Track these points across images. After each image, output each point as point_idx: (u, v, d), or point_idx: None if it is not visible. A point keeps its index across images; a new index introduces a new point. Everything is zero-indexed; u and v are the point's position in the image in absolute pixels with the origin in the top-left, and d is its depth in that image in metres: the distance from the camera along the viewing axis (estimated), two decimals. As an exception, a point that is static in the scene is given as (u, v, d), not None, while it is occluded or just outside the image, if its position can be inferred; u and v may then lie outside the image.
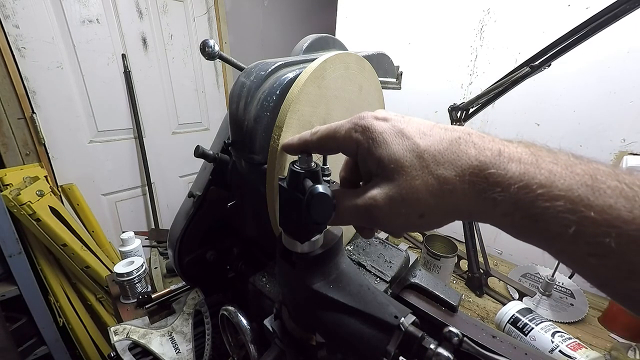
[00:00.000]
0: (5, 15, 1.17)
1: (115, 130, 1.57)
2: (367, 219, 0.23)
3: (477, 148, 0.19)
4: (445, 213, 0.20)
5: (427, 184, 0.20)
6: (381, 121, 0.22)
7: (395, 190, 0.21)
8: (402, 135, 0.21)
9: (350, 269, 0.32)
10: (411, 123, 0.22)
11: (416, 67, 1.18)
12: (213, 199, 0.49)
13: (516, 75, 0.62)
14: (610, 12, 0.47)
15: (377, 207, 0.21)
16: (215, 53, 0.43)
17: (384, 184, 0.21)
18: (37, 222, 1.13)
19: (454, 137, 0.20)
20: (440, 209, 0.20)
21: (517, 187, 0.17)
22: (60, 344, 1.28)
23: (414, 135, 0.21)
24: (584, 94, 0.88)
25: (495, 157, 0.18)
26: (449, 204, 0.20)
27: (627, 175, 0.16)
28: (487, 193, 0.18)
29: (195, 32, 1.76)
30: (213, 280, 0.60)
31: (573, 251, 0.16)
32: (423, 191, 0.20)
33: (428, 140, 0.20)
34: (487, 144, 0.19)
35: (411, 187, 0.20)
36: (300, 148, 0.26)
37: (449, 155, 0.19)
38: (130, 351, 0.59)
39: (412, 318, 0.27)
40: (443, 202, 0.20)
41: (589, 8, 0.82)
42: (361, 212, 0.23)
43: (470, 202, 0.19)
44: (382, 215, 0.22)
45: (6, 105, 1.21)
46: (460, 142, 0.20)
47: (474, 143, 0.19)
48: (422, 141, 0.20)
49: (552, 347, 0.57)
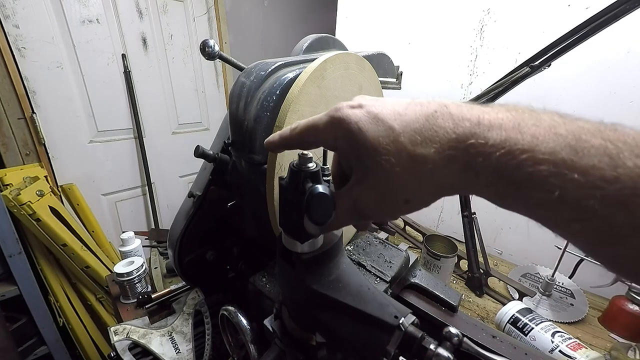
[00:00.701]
0: (5, 15, 1.17)
1: (115, 130, 1.57)
2: (356, 216, 0.23)
3: (454, 120, 0.18)
4: (430, 193, 0.20)
5: (406, 168, 0.19)
6: (356, 109, 0.21)
7: (376, 182, 0.20)
8: (377, 120, 0.20)
9: (350, 269, 0.32)
10: (386, 105, 0.21)
11: (416, 67, 1.18)
12: (213, 199, 0.49)
13: (516, 75, 0.62)
14: (610, 12, 0.47)
15: (362, 203, 0.21)
16: (215, 53, 0.43)
17: (365, 177, 0.21)
18: (37, 222, 1.13)
19: (430, 112, 0.19)
20: (423, 190, 0.20)
21: (499, 154, 0.16)
22: (60, 344, 1.28)
23: (389, 118, 0.20)
24: (584, 94, 0.88)
25: (474, 127, 0.17)
26: (432, 182, 0.19)
27: (611, 132, 0.15)
28: (468, 165, 0.17)
29: (195, 32, 1.76)
30: (213, 280, 0.60)
31: (557, 217, 0.16)
32: (404, 176, 0.19)
33: (403, 120, 0.19)
34: (465, 113, 0.18)
35: (391, 176, 0.19)
36: (282, 144, 0.25)
37: (426, 132, 0.18)
38: (130, 351, 0.59)
39: (412, 318, 0.27)
40: (425, 182, 0.19)
41: (589, 8, 0.82)
42: (350, 211, 0.22)
43: (453, 177, 0.18)
44: (368, 210, 0.21)
45: (6, 105, 1.21)
46: (436, 117, 0.19)
47: (451, 114, 0.18)
48: (397, 123, 0.19)
49: (552, 347, 0.57)
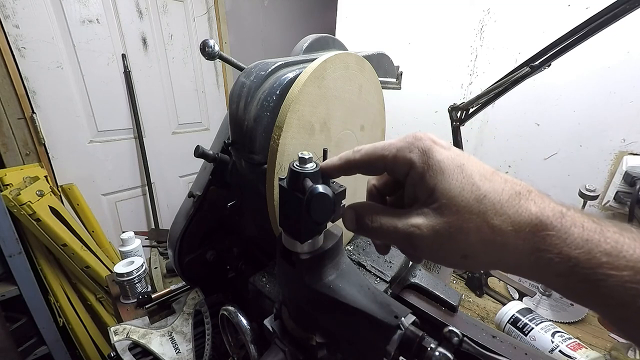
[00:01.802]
0: (5, 15, 1.17)
1: (115, 130, 1.57)
2: (403, 243, 0.22)
3: (537, 206, 0.18)
4: (490, 262, 0.20)
5: (479, 230, 0.19)
6: (440, 148, 0.21)
7: (443, 226, 0.20)
8: (462, 170, 0.20)
9: (350, 269, 0.32)
10: (471, 161, 0.21)
11: (416, 67, 1.17)
12: (213, 199, 0.49)
13: (516, 75, 0.62)
14: (610, 12, 0.47)
15: (420, 236, 0.21)
16: (215, 53, 0.43)
17: (432, 216, 0.20)
18: (37, 222, 1.13)
19: (515, 191, 0.19)
20: (486, 256, 0.20)
21: (578, 252, 0.17)
22: (60, 344, 1.28)
23: (474, 175, 0.20)
24: (584, 94, 0.88)
25: (557, 219, 0.18)
26: (497, 255, 0.19)
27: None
28: (543, 253, 0.18)
29: (195, 32, 1.76)
30: (213, 280, 0.60)
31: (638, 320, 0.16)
32: (473, 236, 0.19)
33: (489, 186, 0.19)
34: (548, 204, 0.19)
35: (462, 228, 0.19)
36: (344, 168, 0.25)
37: (508, 208, 0.19)
38: (130, 351, 0.59)
39: (412, 318, 0.27)
40: (491, 251, 0.19)
41: (589, 8, 0.82)
42: (400, 235, 0.22)
43: (522, 259, 0.19)
44: (422, 245, 0.21)
45: (6, 105, 1.21)
46: (521, 197, 0.19)
47: (534, 201, 0.19)
48: (482, 184, 0.19)
49: (552, 347, 0.57)
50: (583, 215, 0.18)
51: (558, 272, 0.18)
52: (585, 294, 0.18)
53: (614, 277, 0.16)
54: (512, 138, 1.04)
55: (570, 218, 0.18)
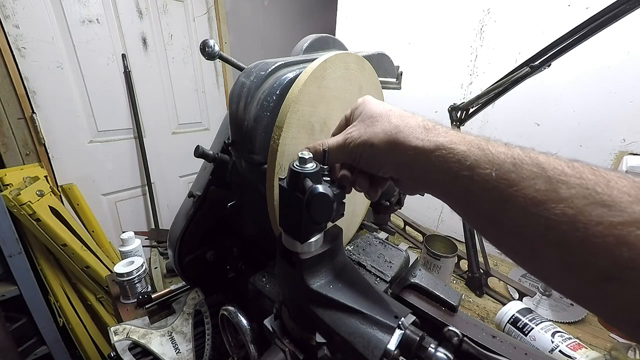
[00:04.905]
0: (5, 15, 1.17)
1: (115, 130, 1.57)
2: (346, 151, 0.29)
3: (442, 137, 0.25)
4: (398, 163, 0.28)
5: (384, 130, 0.28)
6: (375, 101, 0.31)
7: (366, 130, 0.29)
8: (386, 106, 0.30)
9: (350, 269, 0.32)
10: (396, 109, 0.30)
11: (416, 67, 1.18)
12: (213, 199, 0.49)
13: (516, 75, 0.62)
14: (610, 12, 0.47)
15: (351, 138, 0.29)
16: (215, 53, 0.43)
17: (359, 124, 0.30)
18: (37, 222, 1.13)
19: (423, 126, 0.28)
20: (392, 156, 0.28)
21: (443, 140, 0.24)
22: (60, 344, 1.28)
23: (394, 110, 0.29)
24: (584, 94, 0.88)
25: (447, 143, 0.25)
26: (400, 155, 0.27)
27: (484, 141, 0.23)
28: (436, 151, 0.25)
29: (195, 32, 1.76)
30: (213, 280, 0.60)
31: None
32: (380, 132, 0.28)
33: (404, 120, 0.28)
34: (444, 135, 0.26)
35: (376, 133, 0.28)
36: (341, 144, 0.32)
37: (415, 131, 0.27)
38: (130, 351, 0.59)
39: (412, 318, 0.27)
40: (389, 142, 0.27)
41: (589, 8, 0.82)
42: (341, 145, 0.29)
43: (416, 158, 0.26)
44: (356, 149, 0.28)
45: (6, 105, 1.21)
46: (428, 131, 0.27)
47: (438, 132, 0.26)
48: (398, 119, 0.28)
49: (552, 347, 0.57)
50: (474, 139, 0.24)
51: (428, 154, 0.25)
52: (440, 175, 0.24)
53: (449, 156, 0.23)
54: (512, 138, 1.04)
55: (457, 141, 0.24)
